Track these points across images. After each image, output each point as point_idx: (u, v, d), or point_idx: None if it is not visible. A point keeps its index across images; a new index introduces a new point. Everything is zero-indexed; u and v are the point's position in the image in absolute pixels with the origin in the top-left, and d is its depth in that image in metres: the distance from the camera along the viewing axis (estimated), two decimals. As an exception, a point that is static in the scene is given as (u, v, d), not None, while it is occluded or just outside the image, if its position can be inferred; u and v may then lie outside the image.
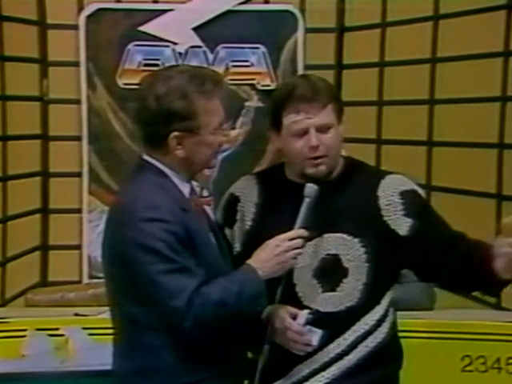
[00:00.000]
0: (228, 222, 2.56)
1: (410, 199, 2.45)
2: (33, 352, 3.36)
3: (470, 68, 3.89)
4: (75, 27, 4.25)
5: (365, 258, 2.42)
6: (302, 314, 2.36)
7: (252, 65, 4.33)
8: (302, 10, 4.34)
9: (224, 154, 4.04)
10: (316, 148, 2.39)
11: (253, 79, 4.34)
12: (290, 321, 2.35)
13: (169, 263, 2.19)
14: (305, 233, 2.32)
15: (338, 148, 2.46)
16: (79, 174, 4.30)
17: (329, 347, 2.41)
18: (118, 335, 2.35)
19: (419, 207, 2.47)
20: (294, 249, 2.29)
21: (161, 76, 2.30)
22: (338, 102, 2.45)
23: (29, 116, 4.22)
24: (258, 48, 4.32)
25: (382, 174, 2.53)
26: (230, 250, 2.50)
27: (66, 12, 4.24)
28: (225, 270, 2.31)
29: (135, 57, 4.28)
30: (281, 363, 2.41)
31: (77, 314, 3.62)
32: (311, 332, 2.35)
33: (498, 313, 3.65)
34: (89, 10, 4.26)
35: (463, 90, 3.92)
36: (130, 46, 4.27)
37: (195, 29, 4.27)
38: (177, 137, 2.26)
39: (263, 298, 2.27)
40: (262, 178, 2.58)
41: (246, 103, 4.34)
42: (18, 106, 4.11)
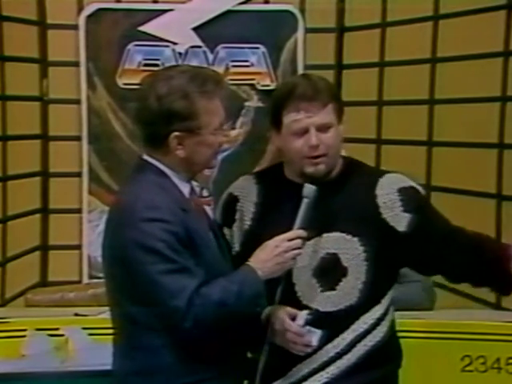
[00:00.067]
0: (227, 222, 2.55)
1: (408, 195, 2.46)
2: (33, 352, 3.35)
3: (470, 68, 3.89)
4: (75, 27, 4.25)
5: (364, 256, 2.42)
6: (301, 314, 2.35)
7: (252, 65, 4.33)
8: (302, 10, 4.34)
9: (224, 154, 4.04)
10: (316, 147, 2.40)
11: (253, 79, 4.34)
12: (289, 322, 2.35)
13: (169, 263, 2.19)
14: (304, 233, 2.32)
15: (337, 147, 2.46)
16: (79, 174, 4.30)
17: (328, 346, 2.41)
18: (118, 335, 2.35)
19: (417, 202, 2.47)
20: (294, 249, 2.29)
21: (162, 76, 2.30)
22: (338, 102, 2.45)
23: (29, 116, 4.22)
24: (258, 48, 4.32)
25: (381, 173, 2.54)
26: (230, 249, 2.50)
27: (66, 12, 4.25)
28: (225, 270, 2.31)
29: (135, 57, 4.28)
30: (280, 363, 2.41)
31: (77, 314, 3.61)
32: (310, 333, 2.34)
33: (498, 313, 3.64)
34: (89, 9, 4.26)
35: (463, 90, 3.92)
36: (130, 46, 4.28)
37: (195, 29, 4.27)
38: (177, 137, 2.26)
39: (263, 298, 2.28)
40: (261, 178, 2.58)
41: (246, 103, 4.34)
42: (17, 105, 4.11)
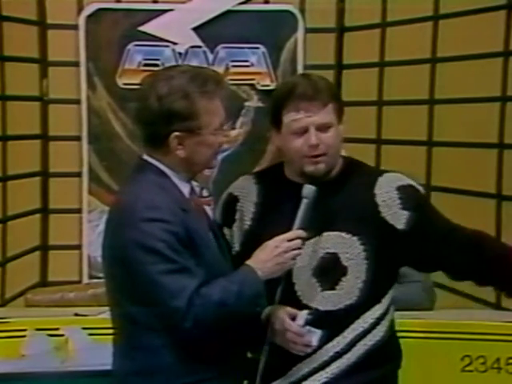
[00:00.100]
0: (227, 222, 2.56)
1: (407, 193, 2.46)
2: (33, 352, 3.34)
3: (470, 68, 3.89)
4: (75, 27, 4.25)
5: (364, 255, 2.42)
6: (301, 314, 2.35)
7: (252, 65, 4.33)
8: (302, 10, 4.33)
9: (224, 154, 4.04)
10: (316, 146, 2.40)
11: (253, 79, 4.33)
12: (289, 322, 2.35)
13: (169, 263, 2.19)
14: (303, 233, 2.32)
15: (337, 147, 2.47)
16: (79, 174, 4.29)
17: (328, 346, 2.41)
18: (118, 335, 2.35)
19: (416, 200, 2.48)
20: (294, 249, 2.29)
21: (162, 76, 2.30)
22: (338, 102, 2.46)
23: (29, 116, 4.22)
24: (257, 48, 4.32)
25: (380, 172, 2.55)
26: (230, 249, 2.50)
27: (66, 12, 4.24)
28: (225, 270, 2.31)
29: (135, 57, 4.28)
30: (280, 362, 2.41)
31: (77, 314, 3.61)
32: (311, 332, 2.34)
33: (498, 313, 3.64)
34: (89, 10, 4.26)
35: (463, 90, 3.91)
36: (130, 46, 4.27)
37: (195, 29, 4.27)
38: (178, 137, 2.26)
39: (263, 298, 2.28)
40: (261, 178, 2.58)
41: (246, 103, 4.34)
42: (18, 105, 4.11)
